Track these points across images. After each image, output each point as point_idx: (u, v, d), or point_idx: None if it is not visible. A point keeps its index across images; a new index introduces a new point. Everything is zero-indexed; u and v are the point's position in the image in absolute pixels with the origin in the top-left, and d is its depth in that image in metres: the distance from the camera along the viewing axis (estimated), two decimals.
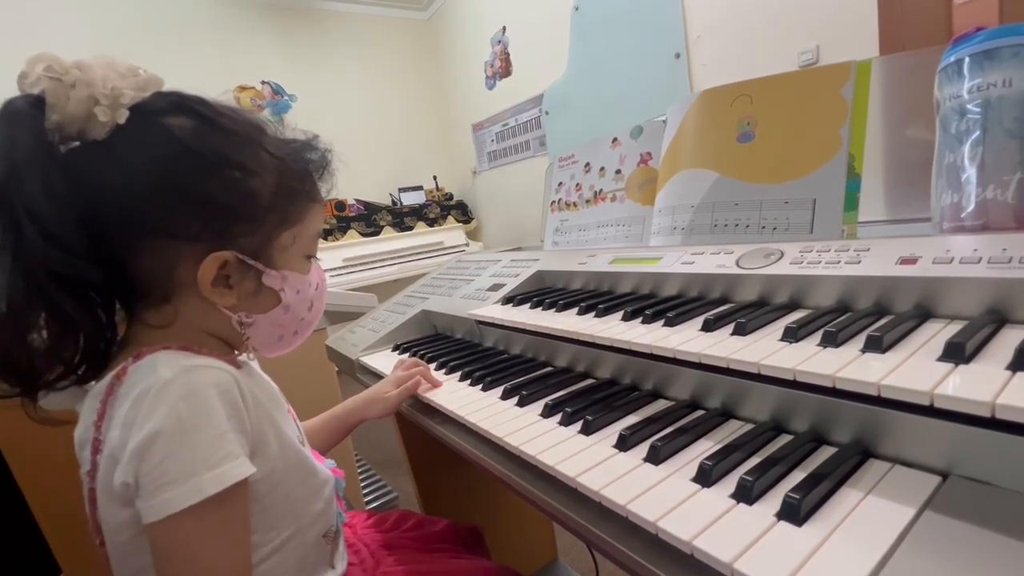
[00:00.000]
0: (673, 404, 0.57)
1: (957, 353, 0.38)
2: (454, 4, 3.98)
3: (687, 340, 0.55)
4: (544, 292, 0.92)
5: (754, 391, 0.49)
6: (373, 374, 0.93)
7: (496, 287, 1.00)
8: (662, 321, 0.62)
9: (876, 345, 0.43)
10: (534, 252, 1.15)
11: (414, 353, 0.94)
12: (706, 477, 0.41)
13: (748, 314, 0.56)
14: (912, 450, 0.38)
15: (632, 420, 0.54)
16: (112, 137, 0.45)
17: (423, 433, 0.74)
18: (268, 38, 3.65)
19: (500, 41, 3.60)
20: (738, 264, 0.65)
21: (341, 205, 3.66)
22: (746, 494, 0.38)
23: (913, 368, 0.39)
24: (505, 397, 0.66)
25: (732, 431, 0.49)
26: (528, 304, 0.85)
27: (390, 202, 4.05)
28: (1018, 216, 0.50)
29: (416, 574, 0.66)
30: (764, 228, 0.72)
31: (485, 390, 0.70)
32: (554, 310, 0.79)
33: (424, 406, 0.75)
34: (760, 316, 0.55)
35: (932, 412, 0.35)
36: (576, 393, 0.64)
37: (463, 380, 0.76)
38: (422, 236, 3.88)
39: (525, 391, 0.65)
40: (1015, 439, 0.32)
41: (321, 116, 3.67)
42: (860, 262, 0.54)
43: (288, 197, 0.52)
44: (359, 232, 3.67)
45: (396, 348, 1.02)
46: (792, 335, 0.49)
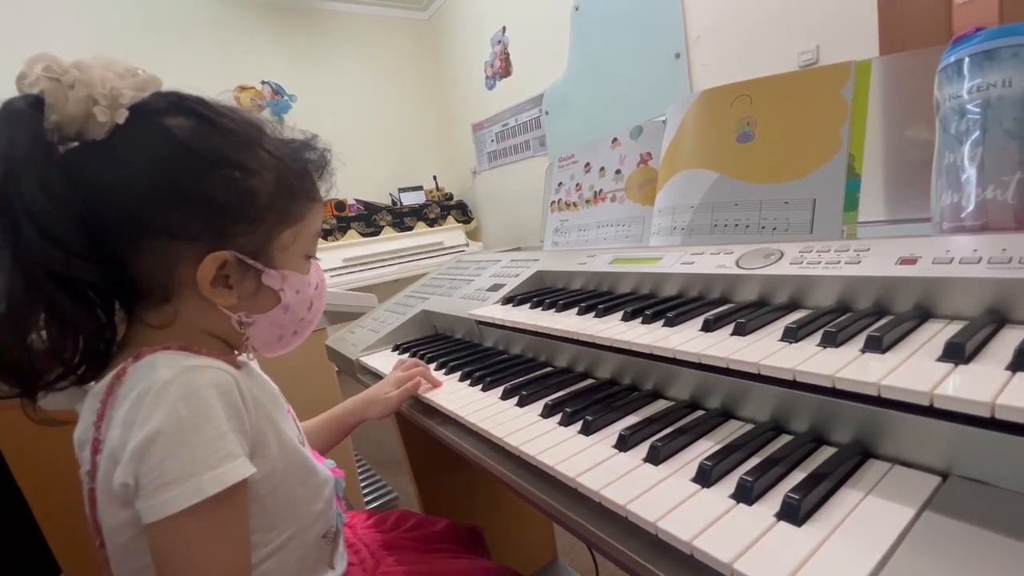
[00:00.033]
0: (673, 404, 0.57)
1: (957, 353, 0.38)
2: (454, 4, 3.98)
3: (687, 340, 0.55)
4: (544, 292, 0.92)
5: (754, 391, 0.49)
6: (373, 374, 0.93)
7: (496, 287, 1.00)
8: (662, 321, 0.62)
9: (876, 345, 0.43)
10: (534, 252, 1.15)
11: (414, 353, 0.94)
12: (706, 477, 0.41)
13: (748, 314, 0.56)
14: (912, 450, 0.38)
15: (632, 420, 0.54)
16: (111, 137, 0.45)
17: (423, 433, 0.74)
18: (268, 38, 3.65)
19: (500, 41, 3.60)
20: (738, 264, 0.65)
21: (341, 205, 3.66)
22: (746, 494, 0.38)
23: (913, 368, 0.39)
24: (505, 397, 0.66)
25: (732, 431, 0.49)
26: (528, 304, 0.85)
27: (390, 202, 4.05)
28: (1018, 216, 0.50)
29: (416, 574, 0.66)
30: (764, 228, 0.72)
31: (485, 390, 0.70)
32: (554, 310, 0.79)
33: (424, 406, 0.75)
34: (760, 316, 0.55)
35: (932, 412, 0.35)
36: (576, 393, 0.64)
37: (463, 380, 0.76)
38: (422, 236, 3.88)
39: (525, 391, 0.65)
40: (1015, 439, 0.32)
41: (321, 116, 3.68)
42: (860, 262, 0.54)
43: (288, 196, 0.52)
44: (359, 232, 3.68)
45: (396, 348, 1.02)
46: (792, 335, 0.49)
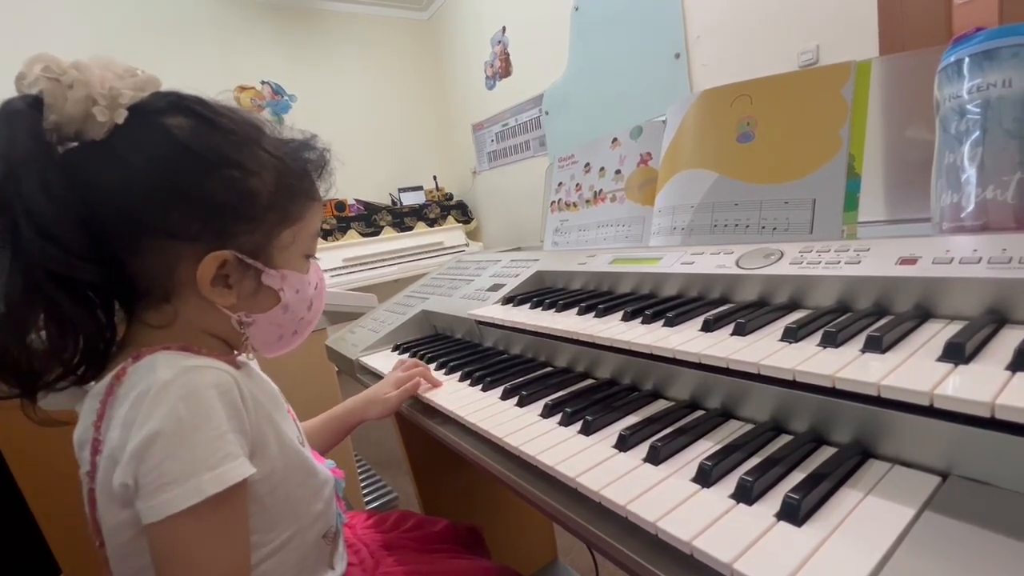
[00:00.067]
0: (673, 404, 0.57)
1: (957, 353, 0.38)
2: (454, 4, 3.98)
3: (687, 340, 0.55)
4: (544, 292, 0.92)
5: (754, 391, 0.49)
6: (373, 374, 0.93)
7: (496, 287, 1.00)
8: (662, 321, 0.62)
9: (876, 345, 0.43)
10: (534, 252, 1.15)
11: (414, 353, 0.94)
12: (706, 477, 0.41)
13: (748, 314, 0.56)
14: (912, 450, 0.38)
15: (632, 420, 0.54)
16: (111, 137, 0.45)
17: (423, 433, 0.74)
18: (268, 38, 3.65)
19: (500, 41, 3.60)
20: (738, 264, 0.65)
21: (341, 205, 3.66)
22: (746, 494, 0.38)
23: (913, 368, 0.39)
24: (505, 397, 0.66)
25: (732, 431, 0.49)
26: (528, 304, 0.85)
27: (390, 202, 4.05)
28: (1018, 216, 0.50)
29: (416, 574, 0.66)
30: (764, 228, 0.72)
31: (485, 390, 0.70)
32: (554, 310, 0.79)
33: (424, 406, 0.75)
34: (760, 316, 0.55)
35: (932, 412, 0.35)
36: (576, 393, 0.64)
37: (463, 380, 0.76)
38: (422, 236, 3.88)
39: (525, 391, 0.65)
40: (1015, 439, 0.32)
41: (321, 116, 3.68)
42: (860, 262, 0.54)
43: (287, 196, 0.52)
44: (359, 232, 3.68)
45: (396, 348, 1.02)
46: (792, 335, 0.49)
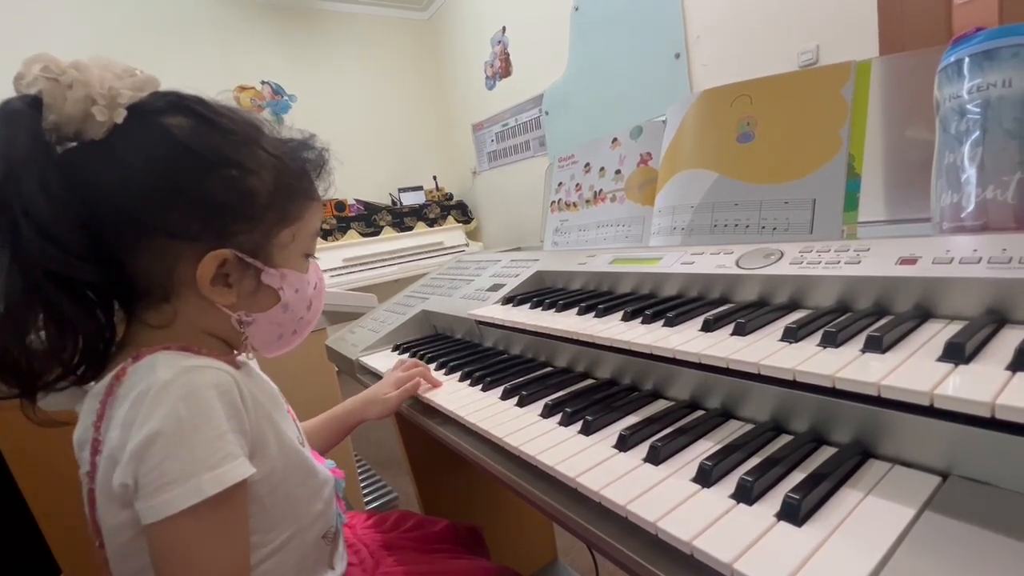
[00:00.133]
0: (673, 404, 0.57)
1: (957, 353, 0.38)
2: (454, 4, 3.98)
3: (687, 340, 0.55)
4: (544, 292, 0.92)
5: (754, 391, 0.49)
6: (373, 374, 0.93)
7: (496, 287, 1.00)
8: (662, 321, 0.62)
9: (876, 345, 0.43)
10: (534, 252, 1.15)
11: (414, 353, 0.94)
12: (706, 477, 0.41)
13: (748, 314, 0.56)
14: (912, 450, 0.38)
15: (632, 420, 0.54)
16: (110, 137, 0.45)
17: (423, 433, 0.73)
18: (268, 38, 3.65)
19: (500, 41, 3.60)
20: (738, 264, 0.65)
21: (341, 205, 3.66)
22: (746, 494, 0.38)
23: (913, 368, 0.39)
24: (505, 397, 0.66)
25: (732, 431, 0.49)
26: (528, 304, 0.85)
27: (390, 202, 4.05)
28: (1018, 216, 0.50)
29: (416, 574, 0.66)
30: (764, 228, 0.72)
31: (485, 390, 0.70)
32: (554, 310, 0.79)
33: (424, 406, 0.75)
34: (760, 316, 0.55)
35: (932, 412, 0.35)
36: (576, 393, 0.64)
37: (463, 380, 0.76)
38: (422, 236, 3.88)
39: (525, 391, 0.65)
40: (1015, 439, 0.32)
41: (321, 116, 3.68)
42: (860, 262, 0.54)
43: (286, 195, 0.52)
44: (359, 232, 3.67)
45: (396, 348, 1.02)
46: (792, 335, 0.49)
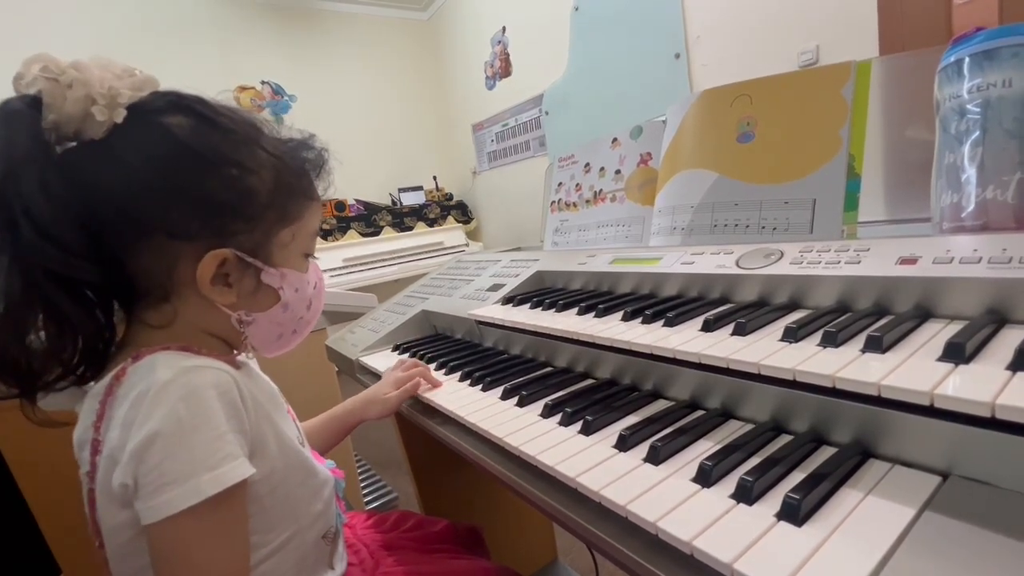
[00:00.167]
0: (673, 404, 0.57)
1: (957, 353, 0.38)
2: (454, 4, 3.98)
3: (687, 340, 0.55)
4: (544, 292, 0.92)
5: (754, 391, 0.49)
6: (373, 374, 0.93)
7: (496, 287, 1.00)
8: (662, 321, 0.62)
9: (876, 345, 0.43)
10: (534, 252, 1.15)
11: (414, 353, 0.94)
12: (706, 477, 0.41)
13: (748, 314, 0.56)
14: (912, 450, 0.38)
15: (632, 420, 0.54)
16: (109, 137, 0.44)
17: (423, 433, 0.73)
18: (268, 38, 3.65)
19: (500, 41, 3.60)
20: (738, 264, 0.65)
21: (341, 205, 3.66)
22: (746, 494, 0.38)
23: (913, 368, 0.39)
24: (505, 397, 0.66)
25: (732, 431, 0.49)
26: (528, 304, 0.85)
27: (390, 202, 4.05)
28: (1018, 216, 0.50)
29: (416, 574, 0.66)
30: (764, 228, 0.72)
31: (485, 390, 0.70)
32: (554, 310, 0.79)
33: (424, 406, 0.75)
34: (760, 316, 0.55)
35: (932, 412, 0.35)
36: (576, 393, 0.64)
37: (463, 380, 0.76)
38: (422, 236, 3.88)
39: (525, 391, 0.65)
40: (1015, 439, 0.32)
41: (321, 116, 3.68)
42: (860, 262, 0.54)
43: (286, 195, 0.52)
44: (359, 232, 3.68)
45: (396, 348, 1.02)
46: (792, 335, 0.49)
